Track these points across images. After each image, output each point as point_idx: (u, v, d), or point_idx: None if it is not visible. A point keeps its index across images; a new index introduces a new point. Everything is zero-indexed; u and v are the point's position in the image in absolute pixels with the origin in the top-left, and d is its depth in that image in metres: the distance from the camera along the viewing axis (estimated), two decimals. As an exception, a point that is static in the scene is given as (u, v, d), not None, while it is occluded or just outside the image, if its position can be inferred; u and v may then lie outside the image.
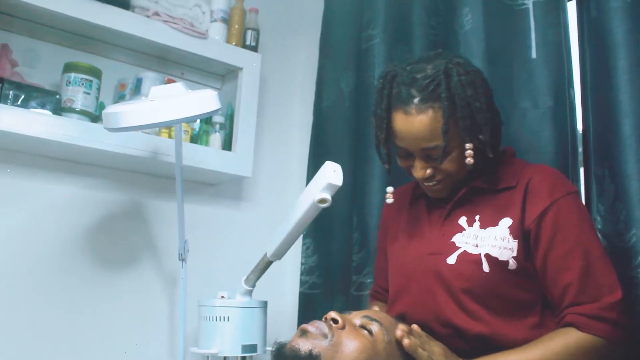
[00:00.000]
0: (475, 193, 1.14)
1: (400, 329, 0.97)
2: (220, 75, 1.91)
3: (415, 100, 1.06)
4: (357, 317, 1.00)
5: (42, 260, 1.54)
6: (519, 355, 0.99)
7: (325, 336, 0.94)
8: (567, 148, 1.30)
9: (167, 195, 1.73)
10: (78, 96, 1.51)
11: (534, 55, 1.37)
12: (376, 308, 1.19)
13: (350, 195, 1.72)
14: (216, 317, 1.35)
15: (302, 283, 1.83)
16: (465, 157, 1.07)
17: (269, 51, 1.98)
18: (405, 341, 0.96)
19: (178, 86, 1.30)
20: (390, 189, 1.19)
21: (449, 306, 1.08)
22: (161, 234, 1.73)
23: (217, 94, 1.27)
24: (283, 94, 2.07)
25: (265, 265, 1.34)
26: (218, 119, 1.77)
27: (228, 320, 1.34)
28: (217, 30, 1.78)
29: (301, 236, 1.72)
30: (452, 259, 1.09)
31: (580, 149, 1.31)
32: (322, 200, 1.16)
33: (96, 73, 1.55)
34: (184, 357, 1.52)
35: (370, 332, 0.97)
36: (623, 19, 1.16)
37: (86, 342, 1.57)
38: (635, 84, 1.14)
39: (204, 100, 1.25)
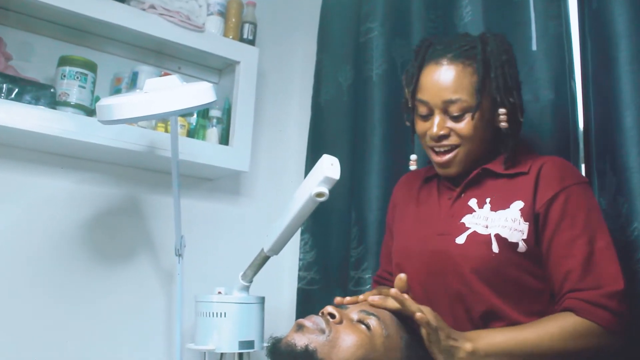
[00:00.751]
0: (487, 177, 1.14)
1: (372, 299, 0.98)
2: (218, 69, 1.89)
3: (449, 55, 1.11)
4: (354, 312, 0.98)
5: (37, 255, 1.53)
6: (514, 333, 0.99)
7: (322, 331, 0.93)
8: (569, 141, 1.29)
9: (164, 190, 1.72)
10: (73, 90, 1.49)
11: (534, 47, 1.36)
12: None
13: (348, 189, 1.71)
14: (213, 313, 1.34)
15: (300, 279, 1.82)
16: (494, 122, 1.11)
17: (266, 45, 1.96)
18: (393, 291, 0.95)
19: (173, 79, 1.28)
20: (413, 156, 1.23)
21: (457, 286, 1.08)
22: (158, 229, 1.72)
23: (212, 86, 1.25)
24: (281, 88, 2.05)
25: (262, 260, 1.33)
26: (215, 113, 1.76)
27: (225, 316, 1.33)
28: (213, 24, 1.76)
29: (299, 231, 1.71)
30: (461, 239, 1.09)
31: (581, 143, 1.30)
32: (320, 194, 1.14)
33: (91, 67, 1.54)
34: (181, 353, 1.51)
35: (368, 326, 0.95)
36: (625, 9, 1.15)
37: (82, 337, 1.55)
38: (637, 75, 1.13)
39: (199, 92, 1.24)
